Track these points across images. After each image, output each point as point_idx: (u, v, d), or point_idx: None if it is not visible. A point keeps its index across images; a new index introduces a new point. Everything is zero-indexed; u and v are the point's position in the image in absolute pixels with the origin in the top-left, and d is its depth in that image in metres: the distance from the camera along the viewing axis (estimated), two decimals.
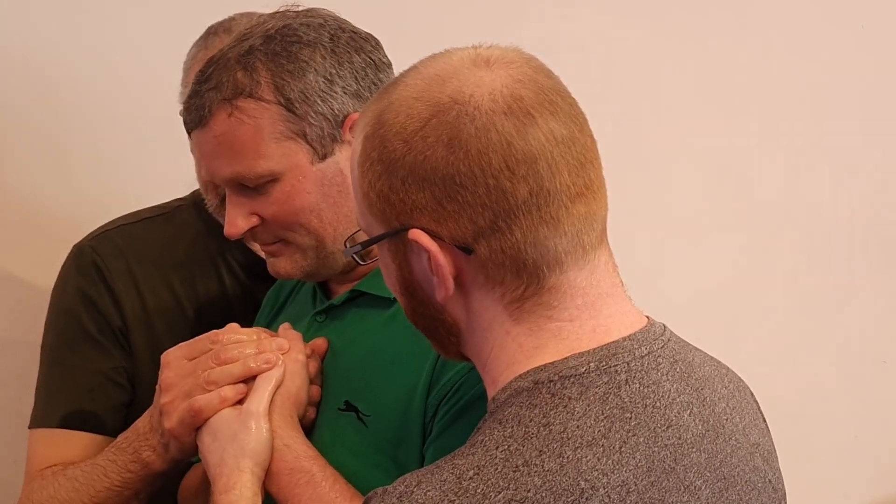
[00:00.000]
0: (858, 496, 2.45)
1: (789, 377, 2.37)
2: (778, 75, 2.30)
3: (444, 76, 0.98)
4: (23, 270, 1.95)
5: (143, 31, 1.96)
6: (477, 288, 0.99)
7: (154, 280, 1.57)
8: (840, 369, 2.41)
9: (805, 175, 2.34)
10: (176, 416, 1.26)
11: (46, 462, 1.48)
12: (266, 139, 1.26)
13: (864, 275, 2.40)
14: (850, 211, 2.38)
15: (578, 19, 2.18)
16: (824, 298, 2.39)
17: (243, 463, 1.20)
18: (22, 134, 1.94)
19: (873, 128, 2.37)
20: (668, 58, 2.25)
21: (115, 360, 1.53)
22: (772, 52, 2.30)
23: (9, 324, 1.96)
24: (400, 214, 0.98)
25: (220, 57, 1.28)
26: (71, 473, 1.42)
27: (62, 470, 1.44)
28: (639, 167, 2.18)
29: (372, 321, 1.30)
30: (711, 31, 2.27)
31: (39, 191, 1.96)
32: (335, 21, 1.31)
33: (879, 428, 2.43)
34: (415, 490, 0.91)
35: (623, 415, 0.94)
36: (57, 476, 1.43)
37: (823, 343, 2.39)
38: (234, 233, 1.31)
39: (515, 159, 0.95)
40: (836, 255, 2.38)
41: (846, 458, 2.43)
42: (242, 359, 1.26)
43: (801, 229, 2.36)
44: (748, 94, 2.29)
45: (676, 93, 2.26)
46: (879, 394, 2.43)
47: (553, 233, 0.96)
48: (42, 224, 1.95)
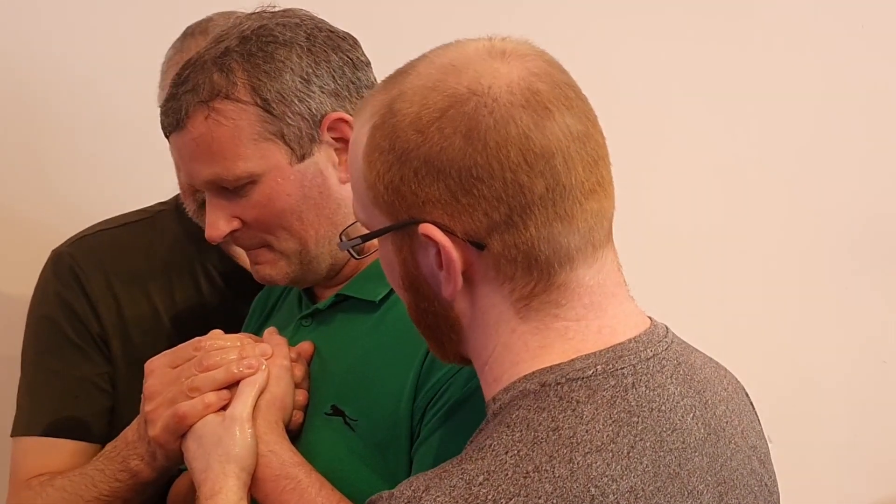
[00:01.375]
0: (858, 496, 2.45)
1: (789, 377, 2.37)
2: (780, 76, 2.30)
3: (459, 66, 0.97)
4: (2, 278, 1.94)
5: (120, 33, 1.94)
6: (485, 284, 0.98)
7: (131, 288, 1.56)
8: (840, 369, 2.41)
9: (806, 175, 2.34)
10: (160, 424, 1.26)
11: (33, 472, 1.47)
12: (244, 140, 1.26)
13: (865, 275, 2.40)
14: (850, 211, 2.38)
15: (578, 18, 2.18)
16: (824, 298, 2.39)
17: (228, 468, 1.20)
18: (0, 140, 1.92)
19: (875, 128, 2.37)
20: (669, 57, 2.25)
21: (98, 366, 1.53)
22: (774, 51, 2.30)
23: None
24: (411, 207, 0.96)
25: (197, 59, 1.27)
26: (59, 483, 1.41)
27: (49, 480, 1.43)
28: (639, 167, 2.17)
29: (358, 325, 1.29)
30: (713, 31, 2.27)
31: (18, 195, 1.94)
32: (312, 21, 1.31)
33: (879, 428, 2.43)
34: (423, 496, 0.90)
35: (630, 419, 0.94)
36: (45, 486, 1.42)
37: (823, 343, 2.39)
38: (215, 235, 1.31)
39: (534, 153, 0.94)
40: (836, 254, 2.38)
41: (845, 458, 2.43)
42: (225, 365, 1.26)
43: (800, 229, 2.36)
44: (751, 95, 2.28)
45: (678, 93, 2.26)
46: (879, 394, 2.43)
47: (567, 229, 0.96)
48: (21, 229, 1.94)
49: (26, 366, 1.55)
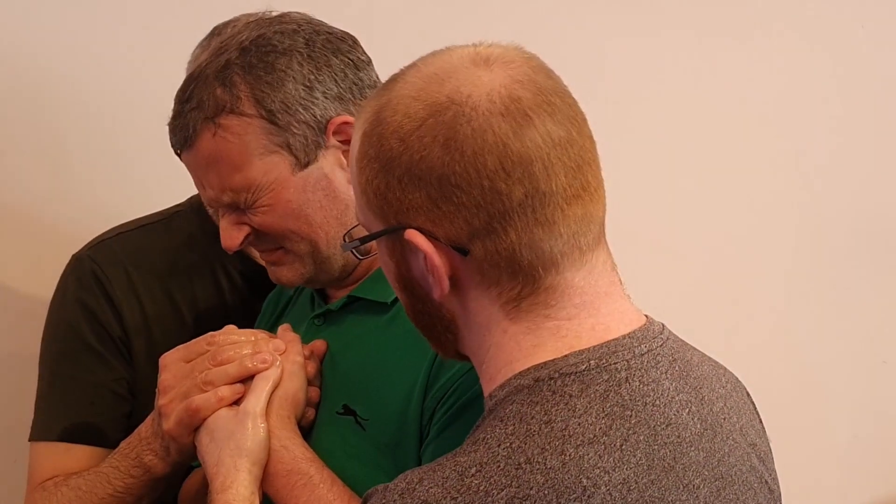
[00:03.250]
0: (857, 496, 2.44)
1: (789, 377, 2.37)
2: (780, 75, 2.29)
3: (442, 75, 0.98)
4: (21, 280, 1.93)
5: (143, 34, 1.94)
6: (473, 287, 0.99)
7: (153, 288, 1.56)
8: (840, 369, 2.41)
9: (806, 175, 2.34)
10: (174, 417, 1.26)
11: (48, 475, 1.47)
12: (252, 156, 1.27)
13: (865, 275, 2.40)
14: (850, 211, 2.37)
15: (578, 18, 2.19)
16: (824, 298, 2.39)
17: (240, 462, 1.21)
18: (18, 141, 1.92)
19: (876, 127, 2.37)
20: (669, 57, 2.25)
21: (117, 372, 1.52)
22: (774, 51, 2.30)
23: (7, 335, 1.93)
24: (397, 213, 0.98)
25: (199, 73, 1.28)
26: (73, 483, 1.42)
27: (64, 480, 1.44)
28: (637, 167, 2.18)
29: (369, 325, 1.30)
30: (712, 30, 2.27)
31: (37, 200, 1.94)
32: (309, 25, 1.31)
33: (879, 428, 2.43)
34: (416, 487, 0.92)
35: (623, 412, 0.95)
36: (59, 486, 1.43)
37: (823, 343, 2.39)
38: (231, 245, 1.33)
39: (511, 161, 0.94)
40: (836, 254, 2.38)
41: (845, 457, 2.43)
42: (239, 359, 1.27)
43: (801, 229, 2.36)
44: (751, 95, 2.28)
45: (678, 93, 2.26)
46: (879, 394, 2.43)
47: (548, 235, 0.96)
48: (40, 233, 1.94)
49: (44, 370, 1.55)
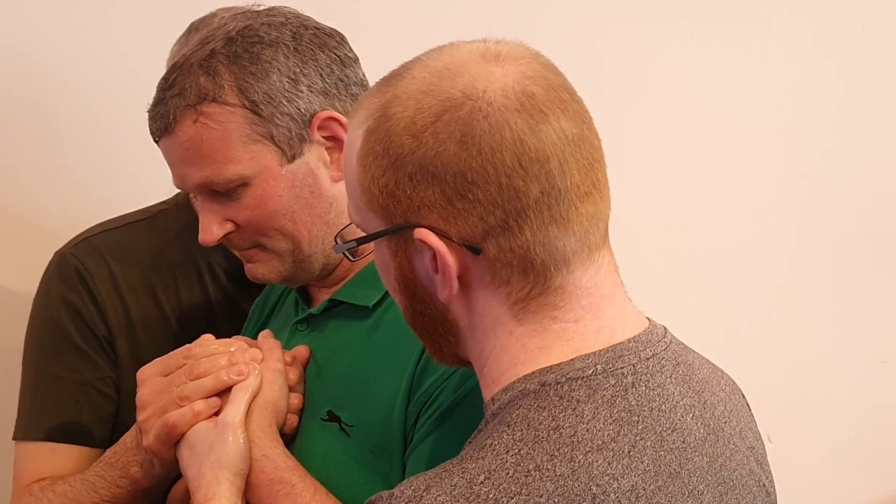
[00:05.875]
0: (858, 496, 2.45)
1: (789, 377, 2.37)
2: (780, 75, 2.30)
3: (453, 70, 0.96)
4: (13, 278, 1.92)
5: (139, 32, 1.93)
6: (482, 287, 0.98)
7: (137, 286, 1.55)
8: (840, 369, 2.41)
9: (806, 175, 2.34)
10: (153, 434, 1.25)
11: (34, 476, 1.46)
12: (233, 143, 1.25)
13: (865, 275, 2.40)
14: (850, 211, 2.38)
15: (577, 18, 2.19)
16: (824, 298, 2.39)
17: (221, 474, 1.20)
18: (13, 140, 1.91)
19: (875, 128, 2.37)
20: (669, 57, 2.25)
21: (102, 370, 1.51)
22: (774, 51, 2.30)
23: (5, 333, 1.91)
24: (406, 211, 0.96)
25: (183, 62, 1.26)
26: (60, 489, 1.40)
27: (50, 485, 1.42)
28: (639, 167, 2.18)
29: (352, 330, 1.29)
30: (712, 31, 2.27)
31: (30, 197, 1.93)
32: (297, 19, 1.30)
33: (879, 428, 2.44)
34: (424, 495, 0.90)
35: (630, 418, 0.94)
36: (45, 491, 1.42)
37: (823, 343, 2.40)
38: (209, 240, 1.30)
39: (528, 158, 0.93)
40: (836, 255, 2.39)
41: (846, 458, 2.43)
42: (215, 372, 1.25)
43: (800, 229, 2.36)
44: (750, 95, 2.29)
45: (678, 93, 2.26)
46: (879, 394, 2.43)
47: (562, 232, 0.95)
48: (24, 230, 1.93)
49: (28, 369, 1.54)
